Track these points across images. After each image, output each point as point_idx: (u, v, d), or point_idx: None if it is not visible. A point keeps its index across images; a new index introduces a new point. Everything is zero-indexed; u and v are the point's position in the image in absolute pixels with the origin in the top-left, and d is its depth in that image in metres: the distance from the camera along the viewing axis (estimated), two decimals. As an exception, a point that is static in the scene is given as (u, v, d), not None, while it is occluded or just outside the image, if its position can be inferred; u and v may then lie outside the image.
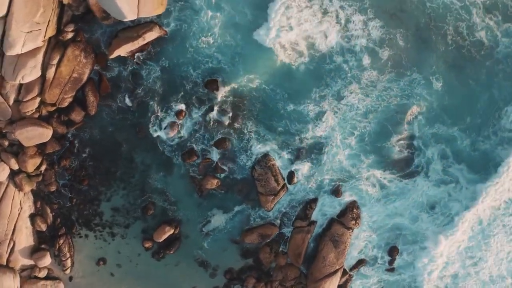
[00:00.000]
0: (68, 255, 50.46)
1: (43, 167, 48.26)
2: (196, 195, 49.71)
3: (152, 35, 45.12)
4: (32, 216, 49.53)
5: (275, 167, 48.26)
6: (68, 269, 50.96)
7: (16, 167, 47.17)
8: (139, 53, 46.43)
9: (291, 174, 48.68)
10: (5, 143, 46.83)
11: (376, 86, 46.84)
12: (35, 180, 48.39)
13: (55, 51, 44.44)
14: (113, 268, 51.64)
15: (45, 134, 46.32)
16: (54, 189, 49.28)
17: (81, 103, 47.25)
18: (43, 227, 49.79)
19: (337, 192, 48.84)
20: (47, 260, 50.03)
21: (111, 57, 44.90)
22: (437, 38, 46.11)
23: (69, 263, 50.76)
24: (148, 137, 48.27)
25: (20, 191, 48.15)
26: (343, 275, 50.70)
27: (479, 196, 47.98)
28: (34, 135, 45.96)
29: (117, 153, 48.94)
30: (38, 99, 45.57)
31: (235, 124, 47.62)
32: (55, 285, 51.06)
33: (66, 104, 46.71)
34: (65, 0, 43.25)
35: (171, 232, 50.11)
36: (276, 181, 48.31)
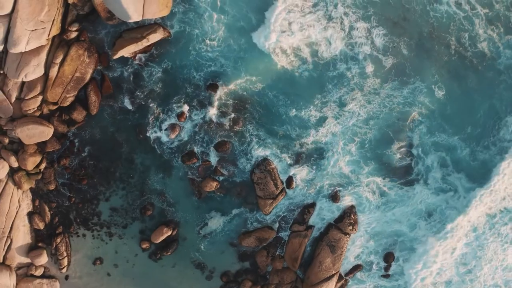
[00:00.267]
0: (65, 254, 50.40)
1: (43, 166, 48.22)
2: (194, 197, 49.81)
3: (156, 37, 45.21)
4: (30, 214, 49.49)
5: (275, 171, 48.45)
6: (64, 268, 50.89)
7: (15, 165, 47.11)
8: (141, 54, 46.52)
9: (290, 178, 48.88)
10: (6, 140, 46.76)
11: (378, 93, 47.11)
12: (34, 178, 48.33)
13: (58, 50, 44.51)
14: (109, 268, 51.64)
15: (45, 132, 46.31)
16: (53, 187, 49.25)
17: (82, 103, 47.30)
18: (41, 225, 49.72)
19: (335, 197, 49.08)
20: (43, 258, 49.98)
21: (115, 57, 44.96)
22: (440, 47, 46.41)
23: (65, 262, 50.70)
24: (148, 138, 48.34)
25: (19, 189, 48.10)
26: (339, 280, 50.90)
27: (471, 202, 48.21)
28: (34, 133, 45.94)
29: (117, 153, 48.98)
30: (40, 98, 45.58)
31: (236, 127, 47.75)
32: (51, 283, 50.97)
33: (68, 103, 46.75)
34: (70, -1, 43.51)
35: (169, 233, 50.16)
36: (275, 185, 48.48)
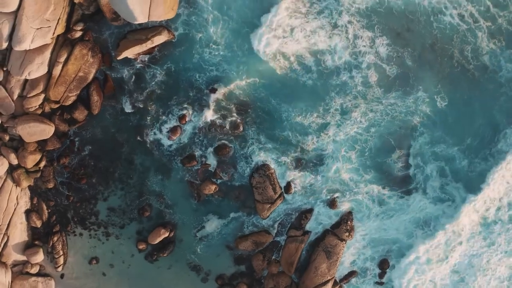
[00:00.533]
0: (61, 252, 50.36)
1: (42, 164, 48.23)
2: (193, 200, 49.96)
3: (160, 39, 45.36)
4: (27, 212, 49.46)
5: (274, 176, 48.69)
6: (60, 266, 50.86)
7: (15, 162, 47.07)
8: (144, 56, 46.65)
9: (289, 183, 49.14)
10: (6, 137, 46.71)
11: (381, 101, 47.36)
12: (33, 176, 48.33)
13: (63, 49, 44.61)
14: (105, 267, 51.64)
15: (46, 130, 46.32)
16: (51, 186, 49.24)
17: (84, 102, 47.38)
18: (38, 223, 49.68)
19: (333, 203, 49.34)
20: (39, 256, 49.94)
21: (119, 58, 45.09)
22: (443, 59, 46.72)
23: (61, 260, 50.65)
24: (148, 139, 48.46)
25: (17, 187, 48.07)
26: (334, 285, 51.05)
27: (461, 209, 48.61)
28: (35, 131, 45.94)
29: (117, 153, 49.08)
30: (42, 96, 45.62)
31: (236, 131, 47.94)
32: (46, 282, 50.88)
33: (70, 102, 46.82)
34: (76, -1, 43.60)
35: (166, 235, 50.25)
36: (273, 189, 48.71)
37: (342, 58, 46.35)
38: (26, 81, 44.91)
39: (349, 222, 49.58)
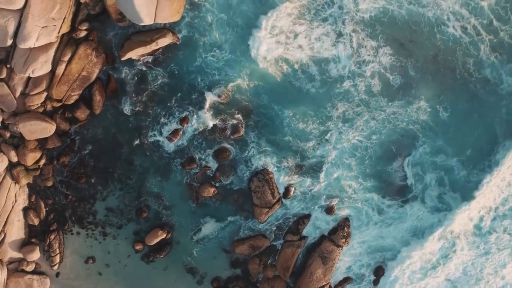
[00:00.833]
0: (57, 251, 50.33)
1: (42, 162, 48.18)
2: (191, 202, 50.07)
3: (165, 41, 45.45)
4: (25, 209, 49.44)
5: (273, 181, 48.90)
6: (56, 265, 50.85)
7: (15, 160, 47.00)
8: (147, 57, 46.71)
9: (288, 188, 49.38)
10: (7, 134, 46.63)
11: (384, 110, 47.52)
12: (33, 174, 48.29)
13: (67, 48, 44.62)
14: (101, 267, 51.68)
15: (47, 129, 46.30)
16: (50, 184, 49.21)
17: (86, 102, 47.41)
18: (36, 221, 49.61)
19: (330, 210, 49.57)
20: (36, 254, 49.92)
21: (123, 59, 45.16)
22: (445, 70, 46.93)
23: (57, 259, 50.64)
24: (149, 141, 48.55)
25: (16, 184, 47.99)
26: (329, 291, 51.60)
27: (453, 215, 48.96)
28: (36, 129, 45.91)
29: (117, 154, 49.12)
30: (44, 94, 45.62)
31: (236, 135, 48.08)
32: (41, 280, 50.83)
33: (72, 101, 46.84)
34: (83, -2, 43.63)
35: (163, 236, 50.34)
36: (272, 194, 48.92)
37: (346, 67, 46.52)
38: (29, 78, 44.87)
39: (346, 228, 49.88)
